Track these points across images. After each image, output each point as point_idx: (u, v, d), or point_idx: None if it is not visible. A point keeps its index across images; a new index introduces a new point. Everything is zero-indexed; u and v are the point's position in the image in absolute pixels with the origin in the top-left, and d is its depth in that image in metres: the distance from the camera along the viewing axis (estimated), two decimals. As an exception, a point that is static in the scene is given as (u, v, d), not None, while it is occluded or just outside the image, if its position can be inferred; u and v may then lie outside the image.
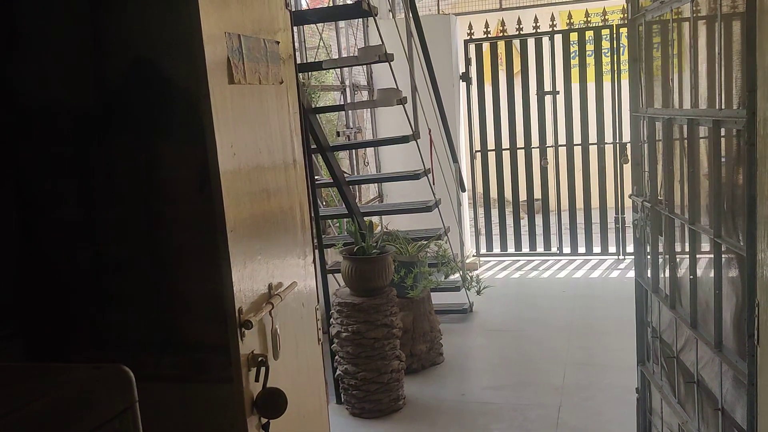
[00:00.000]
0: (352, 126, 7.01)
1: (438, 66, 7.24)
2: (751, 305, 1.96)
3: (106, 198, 1.93)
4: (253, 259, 1.83)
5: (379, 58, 4.17)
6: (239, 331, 1.73)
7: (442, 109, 5.79)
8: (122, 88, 1.86)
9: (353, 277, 4.32)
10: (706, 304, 2.49)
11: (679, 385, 2.81)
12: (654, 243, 3.01)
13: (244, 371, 1.77)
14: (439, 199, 5.32)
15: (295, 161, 2.18)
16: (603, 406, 4.24)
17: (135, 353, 1.99)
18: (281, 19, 2.13)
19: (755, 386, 1.99)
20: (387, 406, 4.35)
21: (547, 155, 7.65)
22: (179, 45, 1.74)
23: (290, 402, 2.10)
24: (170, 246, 1.92)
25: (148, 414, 2.00)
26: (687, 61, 2.51)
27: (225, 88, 1.73)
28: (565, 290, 6.71)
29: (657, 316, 3.07)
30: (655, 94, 2.94)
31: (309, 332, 2.25)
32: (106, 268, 1.98)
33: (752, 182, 1.93)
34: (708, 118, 2.30)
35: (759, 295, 1.88)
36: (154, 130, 1.85)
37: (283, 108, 2.11)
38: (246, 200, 1.82)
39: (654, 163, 2.95)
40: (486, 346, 5.55)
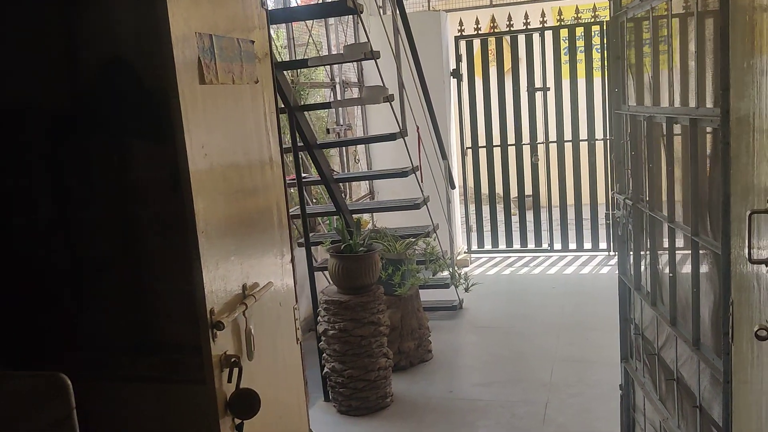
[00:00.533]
0: (342, 123, 7.00)
1: (428, 62, 7.24)
2: (726, 303, 1.96)
3: (81, 198, 1.92)
4: (226, 259, 1.83)
5: (364, 56, 4.16)
6: (211, 332, 1.73)
7: (430, 106, 5.78)
8: (95, 87, 1.85)
9: (340, 274, 4.32)
10: (685, 302, 2.49)
11: (660, 382, 2.82)
12: (636, 240, 3.01)
13: (217, 372, 1.76)
14: (427, 197, 5.32)
15: (272, 160, 2.18)
16: (590, 402, 4.25)
17: (111, 354, 1.99)
18: (256, 18, 2.12)
19: (730, 384, 2.00)
20: (374, 403, 4.36)
21: (537, 151, 7.65)
22: (150, 45, 1.73)
23: (267, 402, 2.10)
24: (145, 247, 1.91)
25: (125, 414, 2.01)
26: (666, 59, 2.51)
27: (196, 89, 1.73)
28: (555, 287, 6.72)
29: (639, 314, 3.08)
30: (637, 92, 2.94)
31: (286, 332, 2.25)
32: (80, 269, 1.97)
33: (726, 181, 1.93)
34: (685, 116, 2.30)
35: (733, 293, 1.88)
36: (128, 131, 1.85)
37: (258, 107, 2.10)
38: (219, 201, 1.82)
39: (636, 160, 2.96)
40: (475, 343, 5.55)
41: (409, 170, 4.89)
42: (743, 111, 1.73)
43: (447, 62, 7.62)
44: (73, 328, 1.98)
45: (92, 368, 2.00)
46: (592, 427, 3.95)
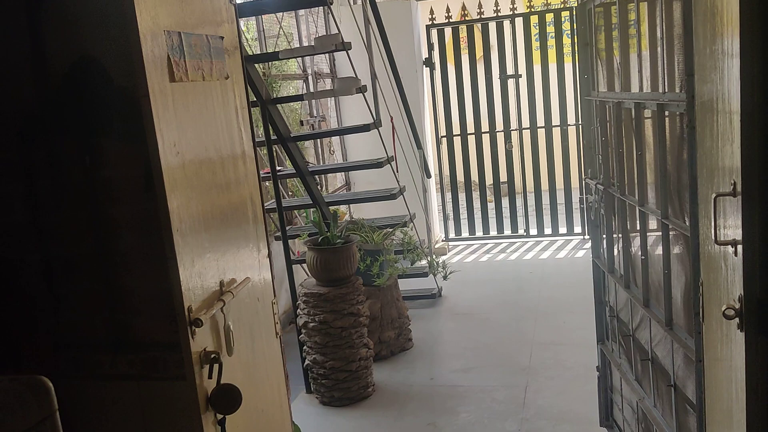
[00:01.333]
0: (315, 115, 6.99)
1: (401, 52, 7.24)
2: (696, 284, 2.01)
3: (54, 199, 1.91)
4: (202, 256, 1.83)
5: (336, 47, 4.16)
6: (190, 329, 1.73)
7: (403, 96, 5.79)
8: (65, 87, 1.84)
9: (318, 267, 4.33)
10: (658, 284, 2.54)
11: (636, 363, 2.88)
12: (608, 224, 3.06)
13: (197, 369, 1.77)
14: (403, 187, 5.34)
15: (245, 155, 2.18)
16: (568, 384, 4.31)
17: (91, 353, 1.99)
18: (225, 13, 2.12)
19: (702, 363, 2.04)
20: (356, 393, 4.39)
21: (511, 138, 7.70)
22: (119, 43, 1.73)
23: (248, 396, 2.12)
24: (120, 246, 1.91)
25: (107, 412, 2.01)
26: (634, 45, 2.55)
27: (166, 87, 1.72)
28: (533, 271, 6.79)
29: (614, 296, 3.13)
30: (606, 78, 2.98)
31: (265, 326, 2.26)
32: (57, 269, 1.97)
33: (693, 164, 1.97)
34: (652, 102, 2.34)
35: (702, 274, 1.92)
36: (99, 130, 1.84)
37: (229, 103, 2.10)
38: (193, 198, 1.82)
39: (606, 146, 3.00)
40: (455, 330, 5.60)
41: (384, 161, 4.90)
42: (707, 95, 1.77)
43: (419, 51, 7.63)
44: (52, 328, 1.98)
45: (73, 367, 2.00)
46: (570, 409, 4.01)
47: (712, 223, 1.47)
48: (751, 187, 1.35)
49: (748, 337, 1.39)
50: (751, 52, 1.33)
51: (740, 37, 1.32)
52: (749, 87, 1.33)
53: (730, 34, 1.42)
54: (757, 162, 1.35)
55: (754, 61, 1.34)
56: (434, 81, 7.78)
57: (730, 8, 1.39)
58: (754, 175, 1.35)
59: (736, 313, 1.41)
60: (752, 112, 1.34)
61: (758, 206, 1.36)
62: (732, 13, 1.38)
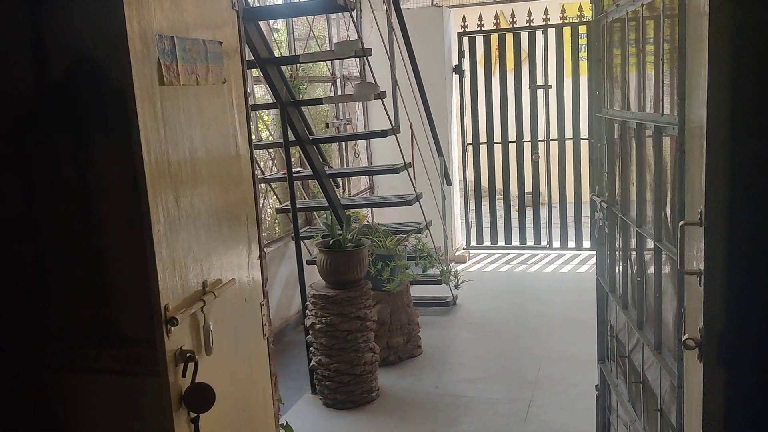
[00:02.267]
0: (342, 118, 7.03)
1: (431, 58, 7.26)
2: (680, 310, 1.98)
3: (48, 193, 1.97)
4: (184, 256, 1.87)
5: (355, 53, 4.19)
6: (165, 327, 1.77)
7: (426, 103, 5.80)
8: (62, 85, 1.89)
9: (328, 269, 4.36)
10: (652, 307, 2.51)
11: (630, 385, 2.85)
12: (611, 243, 3.03)
13: (171, 366, 1.81)
14: (420, 193, 5.34)
15: (239, 157, 2.22)
16: (573, 401, 4.28)
17: (77, 346, 2.04)
18: (225, 19, 2.16)
19: (683, 389, 2.02)
20: (360, 397, 4.41)
21: (538, 149, 7.65)
22: (112, 45, 1.77)
23: (230, 396, 2.15)
24: (109, 242, 1.95)
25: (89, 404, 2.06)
26: (639, 64, 2.53)
27: (155, 90, 1.76)
28: (551, 284, 6.74)
29: (614, 316, 3.10)
30: (614, 96, 2.96)
31: (252, 328, 2.29)
32: (48, 262, 2.02)
33: (681, 188, 1.95)
34: (651, 123, 2.31)
35: (685, 300, 1.90)
36: (93, 129, 1.89)
37: (225, 106, 2.13)
38: (178, 198, 1.85)
39: (611, 164, 2.97)
40: (466, 340, 5.59)
41: (400, 166, 4.91)
42: (696, 121, 1.75)
43: (449, 58, 7.63)
44: (41, 321, 2.04)
45: (60, 360, 2.05)
46: (572, 426, 3.97)
47: (678, 252, 1.46)
48: (714, 217, 1.34)
49: (707, 370, 1.38)
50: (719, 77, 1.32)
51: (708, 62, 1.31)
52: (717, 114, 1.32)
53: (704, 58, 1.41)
54: (723, 192, 1.34)
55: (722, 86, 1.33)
56: (463, 88, 7.77)
57: (704, 35, 1.38)
58: (718, 205, 1.33)
59: (696, 344, 1.40)
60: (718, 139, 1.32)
61: (722, 237, 1.34)
62: (704, 41, 1.37)
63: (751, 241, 1.34)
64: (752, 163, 1.39)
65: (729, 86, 1.33)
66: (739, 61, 1.36)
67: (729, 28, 1.33)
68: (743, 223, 1.35)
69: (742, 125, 1.37)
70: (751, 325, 1.34)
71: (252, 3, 5.40)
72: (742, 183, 1.37)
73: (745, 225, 1.35)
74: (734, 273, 1.34)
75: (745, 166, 1.38)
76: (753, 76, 1.36)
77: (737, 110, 1.37)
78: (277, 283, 5.72)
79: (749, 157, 1.38)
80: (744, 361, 1.36)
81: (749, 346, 1.35)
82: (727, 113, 1.34)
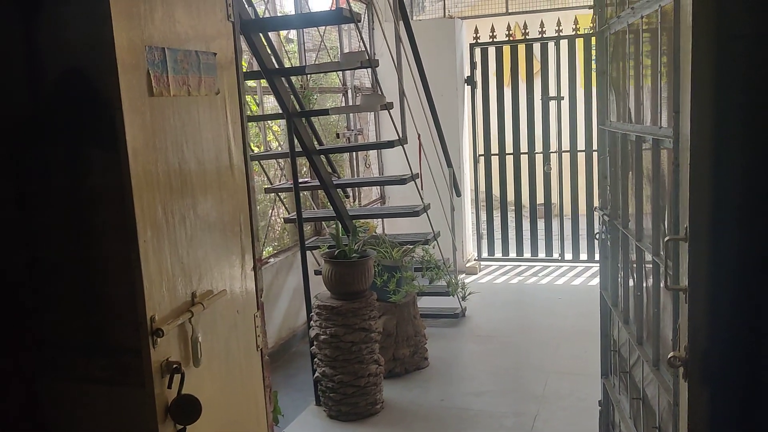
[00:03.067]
0: (352, 128, 7.04)
1: (443, 69, 7.27)
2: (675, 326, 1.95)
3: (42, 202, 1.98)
4: (172, 267, 1.87)
5: (361, 64, 4.19)
6: (151, 338, 1.77)
7: (435, 114, 5.79)
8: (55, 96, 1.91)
9: (333, 280, 4.35)
10: (651, 322, 2.47)
11: (632, 401, 2.80)
12: (614, 257, 2.99)
13: (157, 378, 1.80)
14: (428, 204, 5.32)
15: (233, 168, 2.22)
16: (579, 416, 4.22)
17: (68, 355, 2.04)
18: (221, 30, 2.16)
19: (678, 406, 1.98)
20: (364, 409, 4.38)
21: (550, 161, 7.61)
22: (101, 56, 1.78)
23: (220, 408, 2.14)
24: (101, 252, 1.96)
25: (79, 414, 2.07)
26: (638, 76, 2.50)
27: (144, 101, 1.77)
28: (561, 297, 6.68)
29: (617, 330, 3.06)
30: (617, 108, 2.93)
31: (244, 339, 2.28)
32: (41, 270, 2.03)
33: (676, 203, 1.92)
34: (649, 135, 2.29)
35: (680, 317, 1.86)
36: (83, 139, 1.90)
37: (219, 117, 2.14)
38: (167, 210, 1.86)
39: (614, 177, 2.94)
40: (473, 352, 5.55)
41: (407, 177, 4.90)
42: (685, 134, 1.72)
43: (462, 69, 7.62)
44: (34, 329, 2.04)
45: (51, 368, 2.06)
46: (577, 442, 3.93)
47: (664, 267, 1.43)
48: (699, 232, 1.31)
49: (692, 388, 1.35)
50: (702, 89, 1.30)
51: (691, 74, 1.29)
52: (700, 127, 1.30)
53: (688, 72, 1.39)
54: (707, 207, 1.31)
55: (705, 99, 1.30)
56: (475, 99, 7.75)
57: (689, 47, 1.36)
58: (703, 221, 1.31)
59: (681, 362, 1.37)
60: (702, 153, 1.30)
61: (706, 253, 1.31)
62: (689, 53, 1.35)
63: (736, 257, 1.32)
64: (739, 177, 1.36)
65: (712, 99, 1.31)
66: (724, 74, 1.33)
67: (713, 40, 1.31)
68: (729, 239, 1.32)
69: (727, 139, 1.34)
70: (736, 343, 1.31)
71: (262, 14, 5.43)
72: (727, 198, 1.34)
73: (730, 241, 1.32)
74: (719, 290, 1.31)
75: (732, 181, 1.36)
76: (738, 89, 1.33)
77: (723, 124, 1.35)
78: (284, 292, 5.72)
79: (736, 172, 1.36)
80: (729, 380, 1.32)
81: (734, 364, 1.32)
82: (711, 127, 1.31)
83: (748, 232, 1.32)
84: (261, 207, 5.96)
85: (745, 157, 1.36)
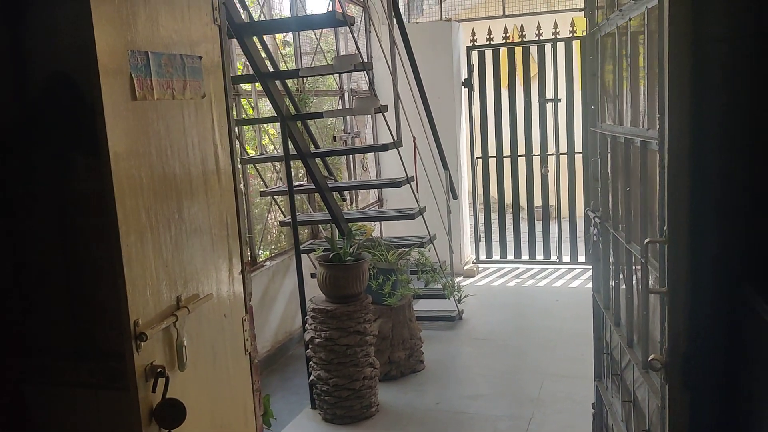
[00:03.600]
0: (349, 131, 7.04)
1: (440, 72, 7.27)
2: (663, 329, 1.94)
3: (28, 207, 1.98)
4: (156, 272, 1.87)
5: (354, 67, 4.19)
6: (135, 342, 1.77)
7: (430, 117, 5.79)
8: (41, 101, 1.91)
9: (327, 283, 4.35)
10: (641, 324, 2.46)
11: (623, 403, 2.79)
12: (605, 259, 2.99)
13: (141, 381, 1.80)
14: (423, 207, 5.32)
15: (219, 173, 2.21)
16: (574, 419, 4.21)
17: (56, 360, 2.05)
18: (206, 34, 2.16)
19: (667, 409, 1.97)
20: (359, 412, 4.37)
21: (547, 163, 7.60)
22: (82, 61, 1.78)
23: (206, 412, 2.14)
24: (87, 256, 1.97)
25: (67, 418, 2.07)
26: (622, 79, 2.50)
27: (127, 105, 1.77)
28: (558, 299, 6.66)
29: (609, 333, 3.05)
30: (606, 111, 2.92)
31: (231, 343, 2.27)
32: (29, 275, 2.03)
33: (663, 204, 1.91)
34: (637, 138, 2.28)
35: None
36: (68, 144, 1.91)
37: (205, 121, 2.13)
38: (150, 215, 1.85)
39: (604, 179, 2.93)
40: (470, 355, 5.53)
41: (402, 180, 4.90)
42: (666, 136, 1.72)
43: (459, 72, 7.62)
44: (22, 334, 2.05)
45: (39, 373, 2.06)
46: (572, 445, 3.91)
47: (642, 270, 1.42)
48: (677, 234, 1.30)
49: (672, 392, 1.34)
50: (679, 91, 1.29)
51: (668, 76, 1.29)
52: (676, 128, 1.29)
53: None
54: (685, 209, 1.30)
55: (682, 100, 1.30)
56: (472, 102, 7.75)
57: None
58: (681, 222, 1.30)
59: (661, 365, 1.36)
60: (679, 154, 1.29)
61: (685, 256, 1.31)
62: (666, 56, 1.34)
63: (716, 260, 1.31)
64: (718, 179, 1.35)
65: (689, 101, 1.30)
66: (703, 76, 1.33)
67: (691, 42, 1.31)
68: (708, 241, 1.31)
69: (706, 141, 1.34)
70: (715, 346, 1.30)
71: (258, 17, 5.43)
72: (707, 200, 1.34)
73: (710, 243, 1.31)
74: (699, 293, 1.30)
75: (712, 183, 1.35)
76: (717, 90, 1.33)
77: (702, 125, 1.34)
78: (281, 296, 5.72)
79: (715, 174, 1.35)
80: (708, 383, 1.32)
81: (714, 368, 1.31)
82: (690, 128, 1.31)
83: (727, 235, 1.31)
84: (259, 210, 5.96)
85: (725, 159, 1.35)
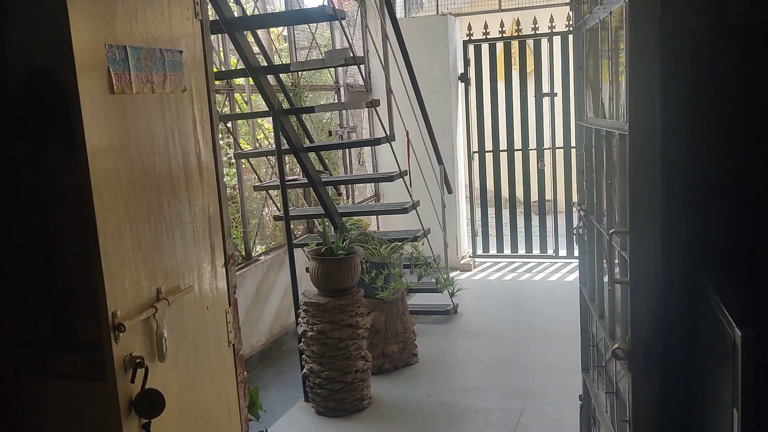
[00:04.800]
0: (345, 126, 7.05)
1: (436, 66, 7.28)
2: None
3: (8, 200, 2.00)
4: (135, 264, 1.89)
5: (345, 62, 4.21)
6: (113, 333, 1.79)
7: (424, 111, 5.80)
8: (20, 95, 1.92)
9: (319, 277, 4.37)
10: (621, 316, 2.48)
11: (607, 395, 2.81)
12: (590, 252, 3.00)
13: (120, 372, 1.82)
14: (417, 201, 5.34)
15: (201, 167, 2.23)
16: (564, 411, 4.22)
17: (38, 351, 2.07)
18: (187, 29, 2.18)
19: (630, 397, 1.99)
20: (351, 405, 4.40)
21: (544, 157, 7.61)
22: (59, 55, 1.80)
23: (188, 403, 2.16)
24: (67, 248, 1.98)
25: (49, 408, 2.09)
26: (606, 72, 2.51)
27: (105, 98, 1.79)
28: (554, 293, 6.68)
29: (595, 325, 3.07)
30: (591, 104, 2.93)
31: (214, 335, 2.29)
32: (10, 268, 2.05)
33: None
34: (616, 131, 2.29)
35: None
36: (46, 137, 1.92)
37: (185, 115, 2.15)
38: (129, 208, 1.87)
39: (589, 172, 2.95)
40: (463, 348, 5.56)
41: (395, 174, 4.91)
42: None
43: (455, 66, 7.62)
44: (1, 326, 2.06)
45: (21, 364, 2.08)
46: (561, 437, 3.94)
47: (607, 260, 1.44)
48: (639, 225, 1.32)
49: (635, 381, 1.36)
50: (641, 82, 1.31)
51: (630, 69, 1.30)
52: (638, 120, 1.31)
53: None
54: (647, 200, 1.32)
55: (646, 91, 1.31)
56: (469, 96, 7.76)
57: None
58: (642, 214, 1.32)
59: (624, 354, 1.38)
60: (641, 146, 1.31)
61: (646, 246, 1.32)
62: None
63: (678, 250, 1.32)
64: (682, 171, 1.37)
65: (653, 92, 1.32)
66: (667, 68, 1.34)
67: (655, 35, 1.32)
68: (670, 231, 1.33)
69: (670, 132, 1.35)
70: (677, 335, 1.31)
71: (252, 12, 5.44)
72: (671, 192, 1.35)
73: (672, 234, 1.33)
74: (658, 283, 1.32)
75: (675, 174, 1.36)
76: (681, 82, 1.34)
77: (666, 117, 1.35)
78: (276, 290, 5.75)
79: (679, 165, 1.36)
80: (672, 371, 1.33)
81: (675, 356, 1.33)
82: (653, 120, 1.32)
83: (689, 225, 1.33)
84: (255, 205, 5.99)
85: (689, 151, 1.36)
